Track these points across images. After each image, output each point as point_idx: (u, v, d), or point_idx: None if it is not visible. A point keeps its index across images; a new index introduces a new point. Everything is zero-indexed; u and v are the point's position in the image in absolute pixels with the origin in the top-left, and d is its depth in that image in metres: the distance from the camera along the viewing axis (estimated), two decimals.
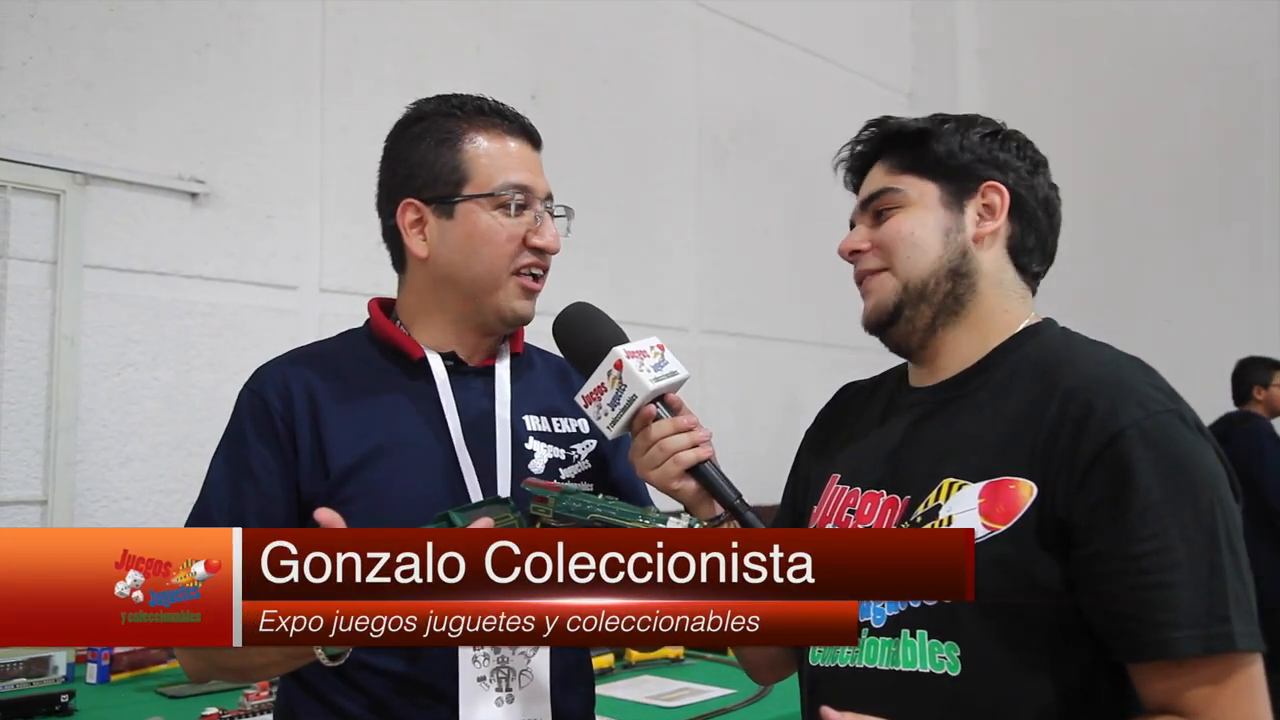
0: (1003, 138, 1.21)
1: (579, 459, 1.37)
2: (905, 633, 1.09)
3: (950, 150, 1.19)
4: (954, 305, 1.18)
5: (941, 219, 1.18)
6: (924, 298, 1.18)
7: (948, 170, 1.19)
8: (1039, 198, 1.20)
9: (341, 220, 3.37)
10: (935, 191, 1.19)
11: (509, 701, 1.22)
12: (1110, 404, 1.03)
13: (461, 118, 1.32)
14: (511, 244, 1.29)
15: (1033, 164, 1.21)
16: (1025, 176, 1.20)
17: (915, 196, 1.19)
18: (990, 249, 1.19)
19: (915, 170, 1.20)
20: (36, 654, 2.35)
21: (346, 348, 1.36)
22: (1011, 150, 1.20)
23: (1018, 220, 1.19)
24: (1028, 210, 1.19)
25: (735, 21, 4.88)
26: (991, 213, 1.18)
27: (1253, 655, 1.00)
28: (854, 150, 1.26)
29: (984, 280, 1.18)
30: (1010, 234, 1.19)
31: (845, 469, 1.24)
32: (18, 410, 2.78)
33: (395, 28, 3.63)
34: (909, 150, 1.21)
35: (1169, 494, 1.00)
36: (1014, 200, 1.19)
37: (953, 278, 1.18)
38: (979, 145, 1.19)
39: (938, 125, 1.21)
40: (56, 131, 2.87)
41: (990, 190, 1.18)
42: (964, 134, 1.20)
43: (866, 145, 1.25)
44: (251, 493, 1.24)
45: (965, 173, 1.19)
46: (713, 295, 4.68)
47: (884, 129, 1.23)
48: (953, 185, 1.19)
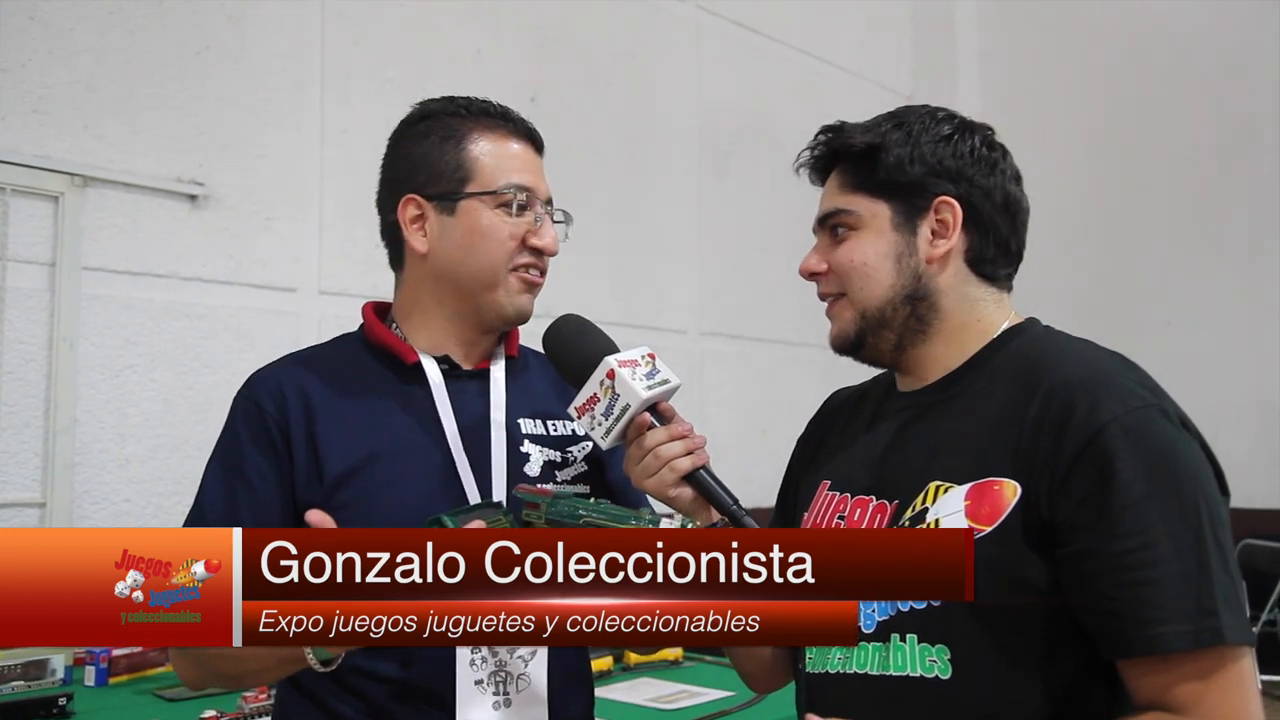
0: (957, 139, 1.17)
1: (575, 461, 1.37)
2: (895, 637, 1.09)
3: (899, 163, 1.16)
4: (918, 326, 1.17)
5: (893, 244, 1.17)
6: (884, 324, 1.18)
7: (898, 188, 1.16)
8: (997, 201, 1.17)
9: (341, 223, 3.37)
10: (887, 213, 1.17)
11: (506, 705, 1.22)
12: (1091, 401, 1.03)
13: (466, 117, 1.32)
14: (511, 242, 1.29)
15: (989, 164, 1.17)
16: (981, 181, 1.16)
17: (868, 218, 1.18)
18: (947, 268, 1.17)
19: (866, 189, 1.18)
20: (34, 656, 2.34)
21: (341, 352, 1.36)
22: (965, 154, 1.17)
23: (974, 231, 1.17)
24: (984, 218, 1.17)
25: (735, 24, 4.88)
26: (945, 229, 1.16)
27: (1242, 649, 0.99)
28: (811, 156, 1.24)
29: (945, 298, 1.17)
30: (967, 247, 1.17)
31: (835, 475, 1.24)
32: (16, 412, 2.78)
33: (395, 30, 3.63)
34: (860, 165, 1.19)
35: (1152, 489, 0.99)
36: (968, 212, 1.16)
37: (910, 302, 1.17)
38: (930, 154, 1.16)
39: (889, 134, 1.18)
40: (55, 133, 2.87)
41: (943, 205, 1.16)
42: (914, 144, 1.16)
43: (819, 153, 1.23)
44: (246, 499, 1.24)
45: (915, 189, 1.16)
46: (712, 298, 4.68)
47: (833, 143, 1.21)
48: (903, 205, 1.16)
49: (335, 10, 3.47)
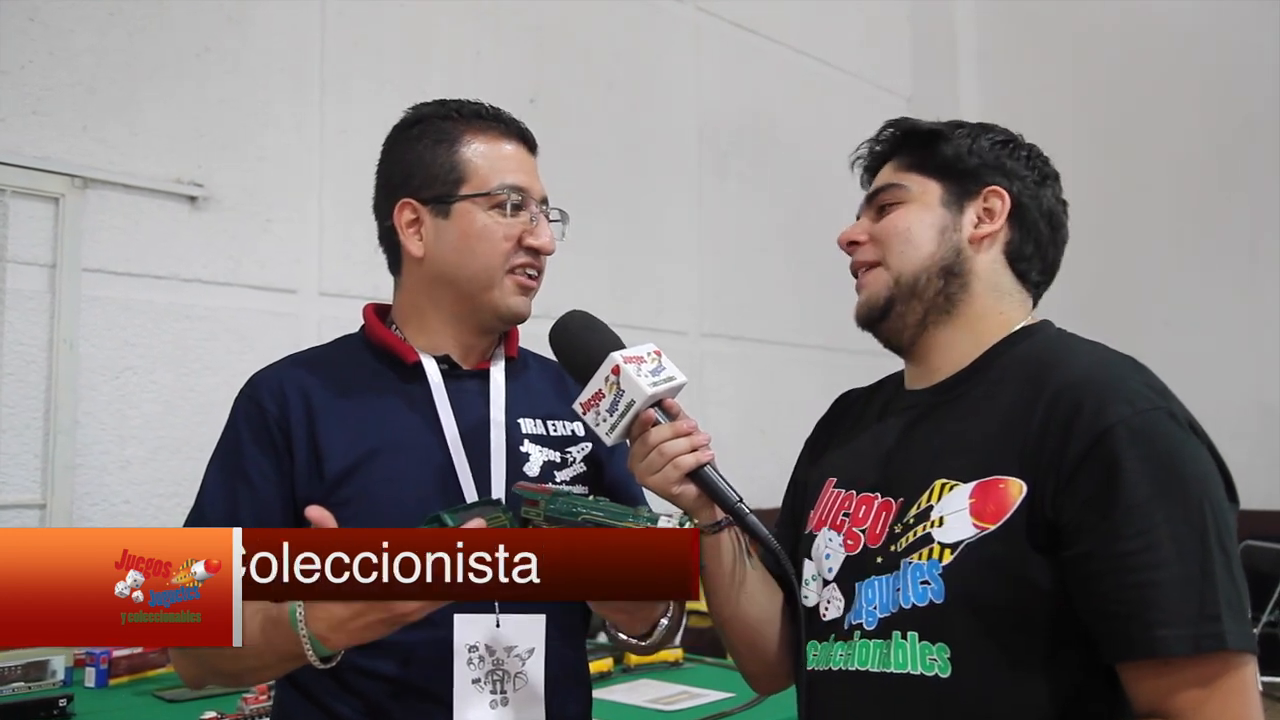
0: (1014, 147, 1.22)
1: (574, 462, 1.37)
2: (896, 635, 1.09)
3: (959, 153, 1.20)
4: (945, 304, 1.19)
5: (939, 217, 1.19)
6: (915, 293, 1.19)
7: (953, 171, 1.20)
8: (1043, 209, 1.21)
9: (341, 224, 3.37)
10: (938, 190, 1.20)
11: (504, 705, 1.22)
12: (1098, 402, 1.03)
13: (459, 120, 1.33)
14: (507, 243, 1.30)
15: (1041, 175, 1.22)
16: (1031, 186, 1.21)
17: (917, 193, 1.21)
18: (987, 252, 1.19)
19: (922, 169, 1.22)
20: (34, 658, 2.34)
21: (342, 353, 1.37)
22: (1021, 160, 1.21)
23: (1018, 227, 1.20)
24: (1029, 218, 1.20)
25: (734, 25, 4.89)
26: (991, 216, 1.19)
27: (1245, 656, 0.98)
28: (872, 149, 1.28)
29: (978, 282, 1.19)
30: (1009, 239, 1.20)
31: (841, 472, 1.24)
32: (16, 414, 2.78)
33: (394, 31, 3.63)
34: (920, 149, 1.23)
35: (1157, 491, 0.99)
36: (1016, 206, 1.19)
37: (945, 275, 1.18)
38: (988, 151, 1.21)
39: (951, 129, 1.22)
40: (56, 135, 2.87)
41: (992, 194, 1.19)
42: (975, 139, 1.21)
43: (884, 145, 1.27)
44: (247, 498, 1.24)
45: (970, 175, 1.20)
46: (713, 299, 4.68)
47: (900, 128, 1.25)
48: (956, 186, 1.20)
49: (335, 11, 3.47)
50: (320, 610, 1.04)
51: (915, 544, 1.09)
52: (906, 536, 1.10)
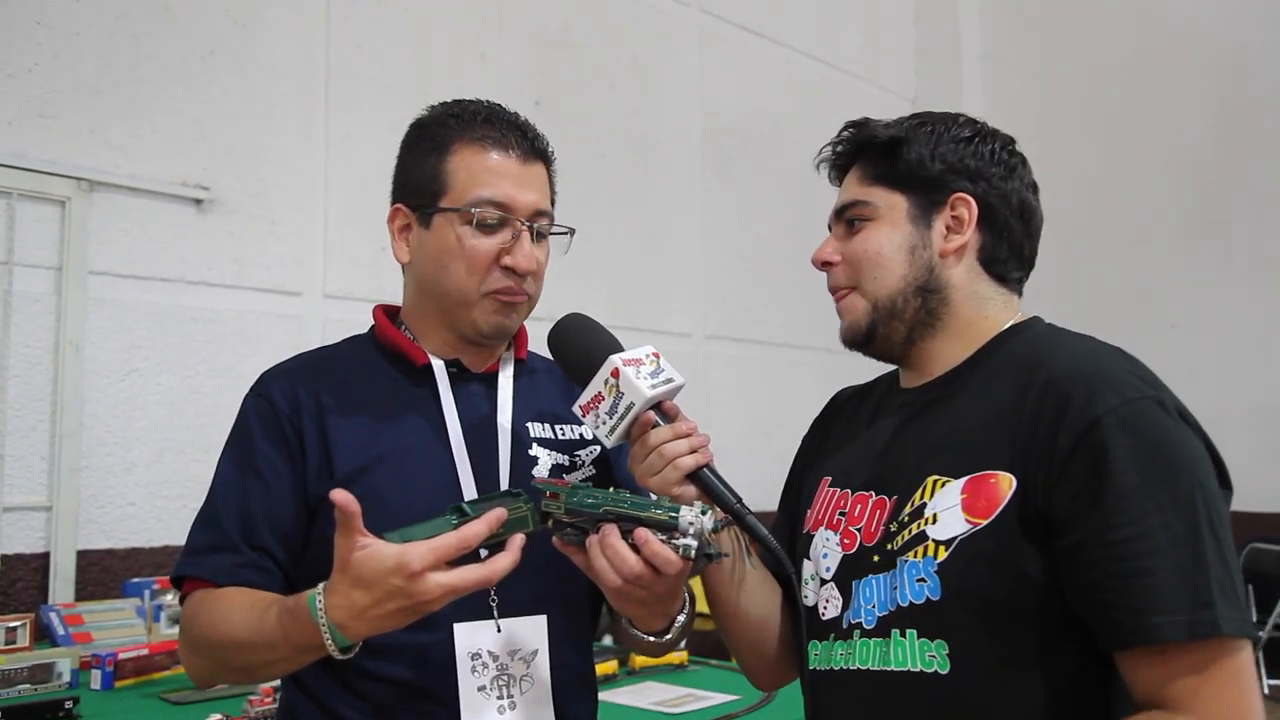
0: (978, 141, 1.20)
1: (583, 465, 1.37)
2: (895, 633, 1.09)
3: (920, 159, 1.18)
4: (928, 319, 1.19)
5: (908, 235, 1.18)
6: (894, 315, 1.19)
7: (917, 181, 1.19)
8: (1013, 204, 1.19)
9: (345, 226, 3.38)
10: (904, 204, 1.19)
11: (512, 709, 1.22)
12: (1087, 393, 1.03)
13: (454, 127, 1.30)
14: (482, 264, 1.26)
15: (1008, 168, 1.20)
16: (999, 183, 1.19)
17: (884, 210, 1.20)
18: (961, 263, 1.19)
19: (885, 181, 1.20)
20: (40, 660, 2.35)
21: (352, 353, 1.36)
22: (985, 156, 1.19)
23: (988, 230, 1.18)
24: (999, 219, 1.19)
25: (738, 27, 4.89)
26: (960, 225, 1.18)
27: (1240, 642, 0.98)
28: (834, 151, 1.27)
29: (956, 293, 1.19)
30: (981, 245, 1.19)
31: (836, 472, 1.25)
32: (22, 416, 2.79)
33: (399, 35, 3.64)
34: (882, 158, 1.21)
35: (1147, 480, 0.99)
36: (984, 211, 1.18)
37: (921, 294, 1.18)
38: (951, 153, 1.18)
39: (912, 130, 1.20)
40: (62, 138, 2.88)
41: (959, 202, 1.18)
42: (937, 140, 1.19)
43: (843, 148, 1.26)
44: (259, 492, 1.24)
45: (934, 184, 1.18)
46: (716, 301, 4.68)
47: (859, 135, 1.24)
48: (921, 198, 1.19)
49: (340, 15, 3.48)
50: (339, 598, 1.02)
51: (910, 542, 1.09)
52: (902, 534, 1.11)
